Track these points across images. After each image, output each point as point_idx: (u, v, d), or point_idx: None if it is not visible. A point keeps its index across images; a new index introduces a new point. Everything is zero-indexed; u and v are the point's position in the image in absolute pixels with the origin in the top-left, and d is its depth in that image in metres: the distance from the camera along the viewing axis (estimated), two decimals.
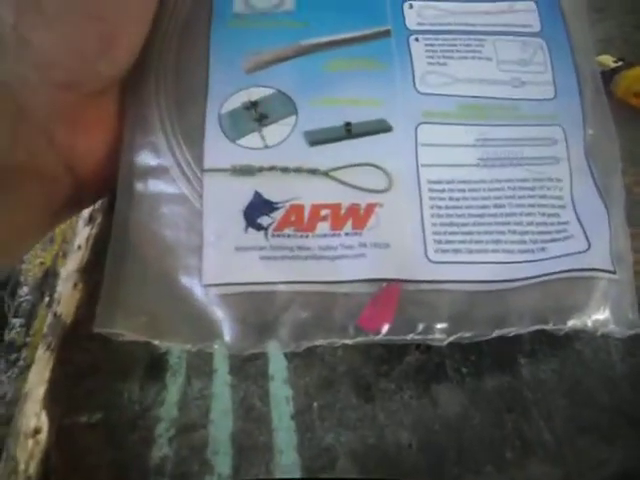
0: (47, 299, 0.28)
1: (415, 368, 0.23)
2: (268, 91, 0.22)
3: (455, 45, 0.23)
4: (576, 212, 0.22)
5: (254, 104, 0.22)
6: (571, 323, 0.21)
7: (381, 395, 0.23)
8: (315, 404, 0.23)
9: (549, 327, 0.21)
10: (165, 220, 0.20)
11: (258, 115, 0.21)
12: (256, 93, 0.22)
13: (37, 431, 0.23)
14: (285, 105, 0.22)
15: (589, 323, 0.21)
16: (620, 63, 0.31)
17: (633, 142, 0.28)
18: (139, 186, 0.21)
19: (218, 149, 0.21)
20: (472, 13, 0.24)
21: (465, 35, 0.23)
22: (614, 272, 0.21)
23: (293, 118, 0.21)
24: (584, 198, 0.22)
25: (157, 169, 0.21)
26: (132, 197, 0.21)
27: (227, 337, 0.20)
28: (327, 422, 0.22)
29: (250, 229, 0.20)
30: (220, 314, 0.20)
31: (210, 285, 0.20)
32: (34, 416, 0.23)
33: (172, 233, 0.20)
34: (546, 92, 0.23)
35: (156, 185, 0.21)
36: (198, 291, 0.20)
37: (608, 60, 0.31)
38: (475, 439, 0.22)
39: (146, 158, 0.21)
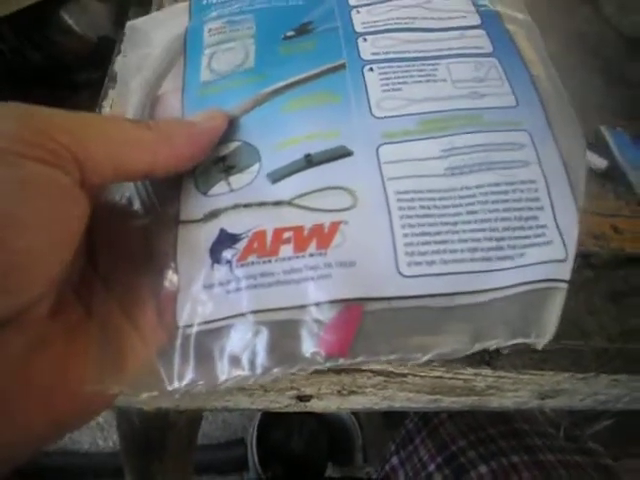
0: None
1: None
2: (235, 144, 0.23)
3: (409, 71, 0.24)
4: (555, 216, 0.20)
5: (222, 159, 0.23)
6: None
7: None
8: None
9: (530, 341, 0.19)
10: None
11: (225, 167, 0.23)
12: (224, 148, 0.23)
13: None
14: (250, 155, 0.23)
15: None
16: None
17: None
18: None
19: (191, 202, 0.22)
20: (425, 41, 0.25)
21: (419, 61, 0.24)
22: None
23: (257, 165, 0.22)
24: (561, 203, 0.21)
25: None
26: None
27: (199, 375, 0.19)
28: None
29: (216, 265, 0.20)
30: (192, 354, 0.19)
31: (184, 327, 0.20)
32: None
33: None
34: (507, 101, 0.23)
35: None
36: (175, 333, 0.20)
37: None
38: None
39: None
